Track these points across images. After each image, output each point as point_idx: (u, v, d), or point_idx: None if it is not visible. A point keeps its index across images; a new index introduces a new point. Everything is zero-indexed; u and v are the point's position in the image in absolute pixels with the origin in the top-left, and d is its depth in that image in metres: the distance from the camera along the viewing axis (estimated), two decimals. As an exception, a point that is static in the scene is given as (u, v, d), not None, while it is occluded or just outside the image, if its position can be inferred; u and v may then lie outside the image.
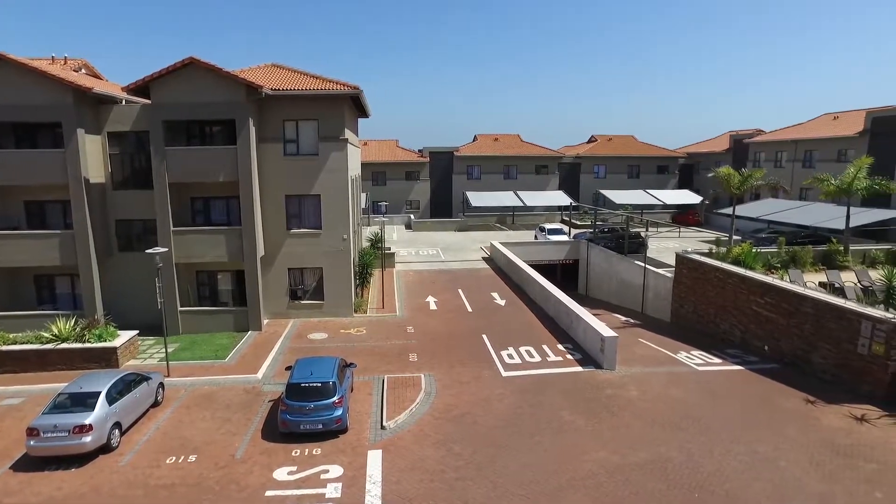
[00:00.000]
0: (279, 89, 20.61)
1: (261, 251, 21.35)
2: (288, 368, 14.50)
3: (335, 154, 21.67)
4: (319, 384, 12.93)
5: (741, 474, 10.82)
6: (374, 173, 55.02)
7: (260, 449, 12.33)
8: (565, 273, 34.74)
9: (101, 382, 12.94)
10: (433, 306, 24.26)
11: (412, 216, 52.31)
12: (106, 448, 12.16)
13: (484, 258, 34.85)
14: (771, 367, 16.94)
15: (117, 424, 12.58)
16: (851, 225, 28.84)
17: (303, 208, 22.19)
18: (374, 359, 17.74)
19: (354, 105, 24.95)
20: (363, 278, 26.23)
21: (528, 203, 51.05)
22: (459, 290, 26.74)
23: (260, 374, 16.63)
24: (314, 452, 12.07)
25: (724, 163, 49.58)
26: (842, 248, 26.12)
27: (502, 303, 24.90)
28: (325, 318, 22.33)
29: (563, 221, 48.99)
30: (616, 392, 14.97)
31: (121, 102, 21.09)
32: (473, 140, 62.30)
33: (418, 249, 37.82)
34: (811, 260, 24.68)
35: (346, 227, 22.32)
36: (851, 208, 29.04)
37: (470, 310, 23.74)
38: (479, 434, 12.73)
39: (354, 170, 26.60)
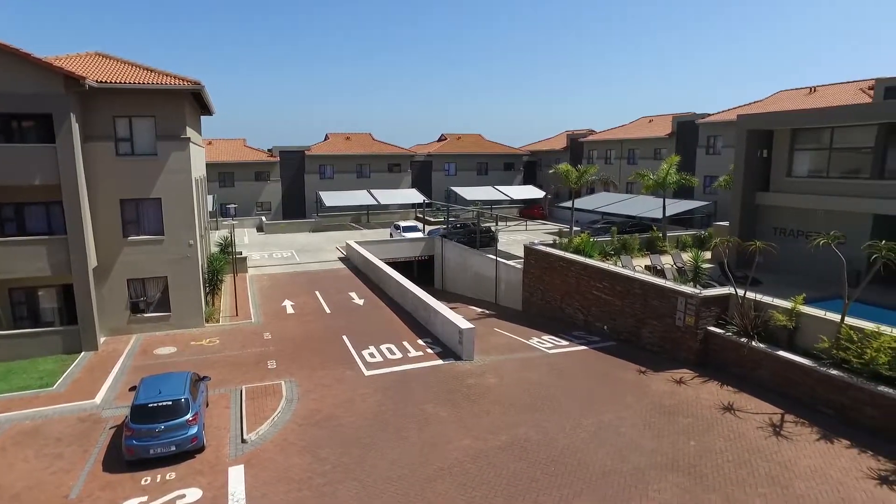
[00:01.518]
0: (106, 82, 18.59)
1: (93, 262, 19.19)
2: (132, 389, 13.18)
3: (176, 154, 20.12)
4: (170, 402, 11.97)
5: (589, 444, 11.94)
6: (221, 174, 51.88)
7: (101, 483, 11.05)
8: (421, 269, 35.52)
9: None
10: (290, 310, 23.56)
11: (264, 218, 50.15)
12: None
13: (340, 258, 34.49)
14: (610, 344, 18.82)
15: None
16: (667, 214, 32.87)
17: (142, 213, 20.30)
18: (231, 369, 16.85)
19: (196, 102, 23.34)
20: (213, 285, 24.70)
21: (383, 201, 51.32)
22: (317, 292, 26.24)
23: (98, 399, 14.94)
24: (168, 477, 11.19)
25: (563, 160, 53.63)
26: (661, 234, 29.65)
27: (361, 302, 24.87)
28: (173, 331, 20.70)
29: (417, 219, 49.90)
30: (476, 381, 15.70)
31: None
32: (325, 139, 61.17)
33: (272, 252, 36.40)
34: (638, 246, 27.72)
35: (191, 233, 20.85)
36: (666, 200, 33.10)
37: (328, 311, 23.41)
38: (346, 436, 12.67)
39: (199, 171, 24.90)
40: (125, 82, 18.92)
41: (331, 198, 50.04)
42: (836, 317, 13.47)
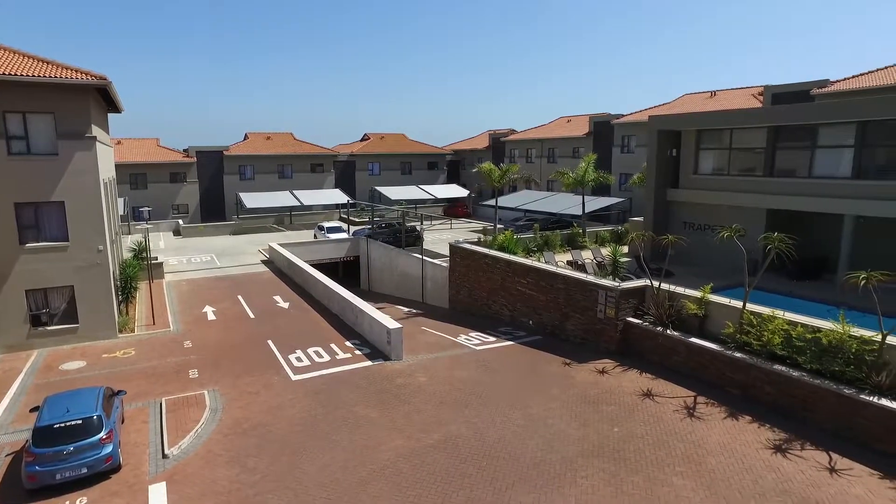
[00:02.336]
0: (-7, 74, 17.02)
1: (-18, 273, 17.63)
2: (34, 410, 12.13)
3: (81, 154, 18.80)
4: (79, 421, 11.12)
5: (519, 436, 12.26)
6: (133, 175, 49.21)
7: (-1, 516, 10.17)
8: (347, 270, 35.14)
9: None
10: (212, 316, 22.65)
11: (181, 221, 47.87)
12: None
13: (263, 261, 33.50)
14: (536, 338, 19.37)
15: None
16: (586, 211, 34.20)
17: (42, 218, 18.83)
18: (149, 381, 15.99)
19: (104, 98, 21.92)
20: (127, 293, 23.33)
21: (306, 202, 50.30)
22: (240, 297, 25.37)
23: (-7, 423, 13.72)
24: (79, 503, 10.47)
25: (486, 159, 54.59)
26: (581, 231, 30.80)
27: (286, 305, 24.29)
28: (81, 344, 19.37)
29: (341, 219, 49.30)
30: (406, 380, 15.73)
31: None
32: (244, 139, 59.16)
33: (190, 257, 34.79)
34: (560, 242, 28.66)
35: (101, 238, 19.59)
36: (585, 197, 34.44)
37: (252, 316, 22.70)
38: (274, 443, 12.36)
39: (108, 172, 23.39)
40: (17, 74, 17.37)
41: (252, 199, 48.49)
42: (739, 304, 14.52)
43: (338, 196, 52.92)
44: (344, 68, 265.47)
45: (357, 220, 48.23)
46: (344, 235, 37.78)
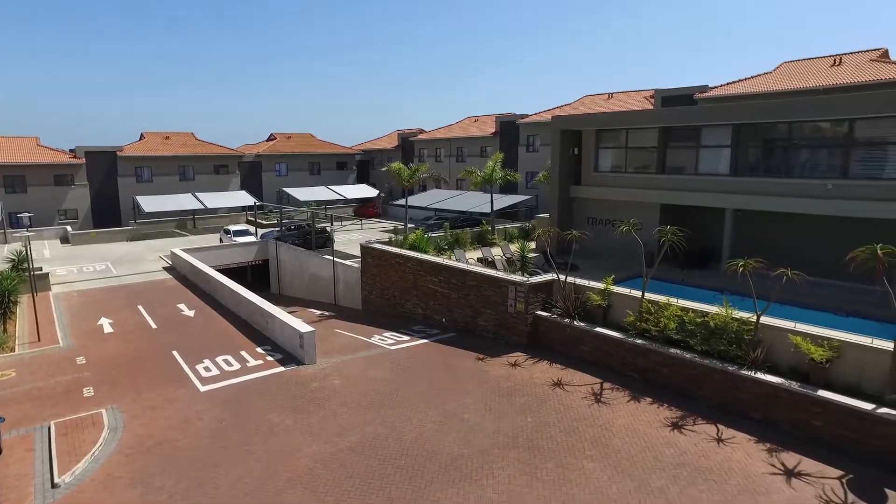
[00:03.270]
0: None
1: None
2: None
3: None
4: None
5: (436, 433, 12.40)
6: (8, 178, 44.83)
7: None
8: (256, 274, 34.02)
9: None
10: (108, 328, 21.13)
11: (69, 228, 44.19)
12: None
13: (165, 268, 31.66)
14: (449, 335, 19.64)
15: None
16: (495, 208, 35.07)
17: None
18: (35, 404, 14.66)
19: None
20: (5, 309, 21.25)
21: (210, 205, 48.05)
22: (140, 307, 23.84)
23: None
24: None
25: (395, 158, 54.59)
26: (490, 228, 31.54)
27: (191, 313, 23.12)
28: (-51, 368, 17.44)
29: (248, 222, 47.57)
30: (320, 384, 15.46)
31: None
32: (140, 139, 55.54)
33: (82, 266, 32.24)
34: (470, 240, 29.21)
35: (-30, 249, 17.71)
36: (494, 195, 35.30)
37: (155, 326, 21.41)
38: (183, 459, 11.75)
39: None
40: None
41: (150, 203, 45.64)
42: (638, 293, 15.49)
43: (244, 198, 50.94)
44: (249, 69, 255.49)
45: (265, 222, 46.70)
46: (251, 238, 36.51)
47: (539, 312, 17.45)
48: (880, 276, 11.01)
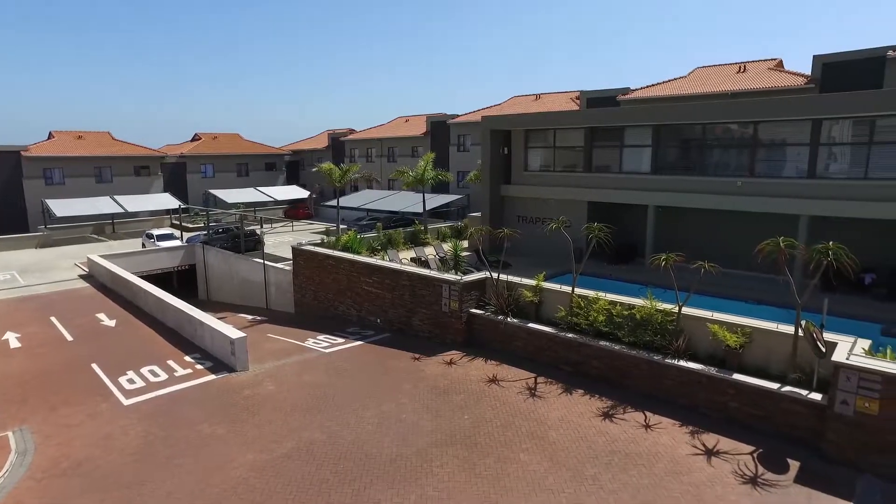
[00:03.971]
0: None
1: None
2: None
3: None
4: None
5: (374, 435, 12.34)
6: None
7: None
8: (183, 280, 32.67)
9: None
10: (15, 343, 19.65)
11: (-36, 235, 40.69)
12: None
13: (82, 276, 29.79)
14: (384, 336, 19.56)
15: None
16: (427, 208, 35.21)
17: None
18: (-69, 428, 13.44)
19: None
20: None
21: (130, 208, 45.59)
22: (53, 318, 22.32)
23: None
24: None
25: (326, 159, 53.77)
26: (423, 227, 31.64)
27: (112, 323, 21.88)
28: None
29: (173, 226, 45.48)
30: (253, 391, 15.04)
31: None
32: (49, 138, 51.90)
33: (-21, 276, 29.79)
34: (403, 240, 29.19)
35: None
36: (426, 195, 35.43)
37: (71, 339, 20.11)
38: (105, 479, 11.10)
39: None
40: None
41: (63, 207, 42.75)
42: (568, 289, 16.00)
43: (168, 200, 48.63)
44: (170, 66, 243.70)
45: (191, 225, 44.83)
46: (177, 243, 34.98)
47: (473, 310, 17.68)
48: (783, 266, 11.91)
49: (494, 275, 17.65)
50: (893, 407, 9.80)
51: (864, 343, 11.50)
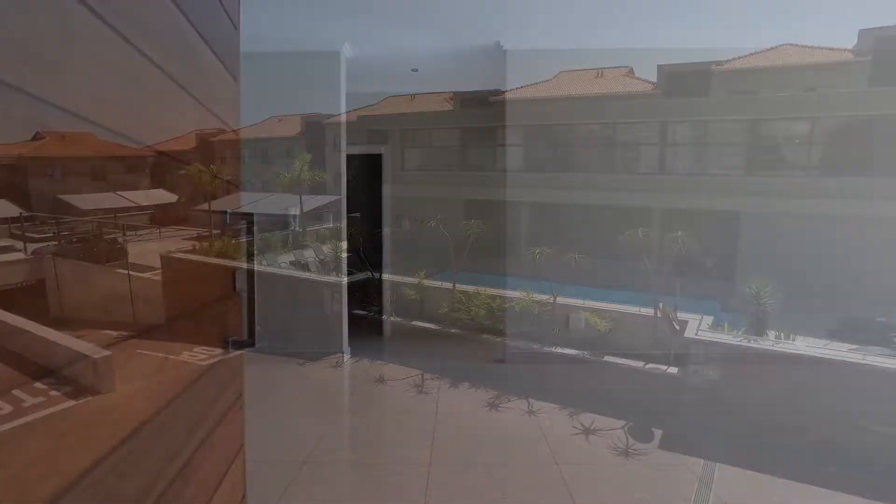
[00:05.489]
0: None
1: None
2: None
3: None
4: None
5: (261, 445, 11.89)
6: None
7: None
8: (30, 297, 29.13)
9: None
10: None
11: None
12: None
13: None
14: (266, 343, 18.76)
15: None
16: (305, 210, 34.34)
17: None
18: None
19: None
20: None
21: (-45, 219, 39.76)
22: None
23: None
24: None
25: (194, 161, 50.48)
26: (301, 230, 30.83)
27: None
28: None
29: (13, 236, 40.43)
30: (123, 415, 13.85)
31: None
32: None
33: None
34: (281, 243, 28.25)
35: None
36: (303, 197, 34.54)
37: None
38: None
39: None
40: None
41: None
42: (450, 286, 16.44)
43: (6, 208, 43.07)
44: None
45: (37, 235, 39.94)
46: (19, 255, 31.08)
47: (356, 311, 17.58)
48: (643, 254, 13.15)
49: (376, 275, 17.67)
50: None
51: (709, 319, 13.03)
